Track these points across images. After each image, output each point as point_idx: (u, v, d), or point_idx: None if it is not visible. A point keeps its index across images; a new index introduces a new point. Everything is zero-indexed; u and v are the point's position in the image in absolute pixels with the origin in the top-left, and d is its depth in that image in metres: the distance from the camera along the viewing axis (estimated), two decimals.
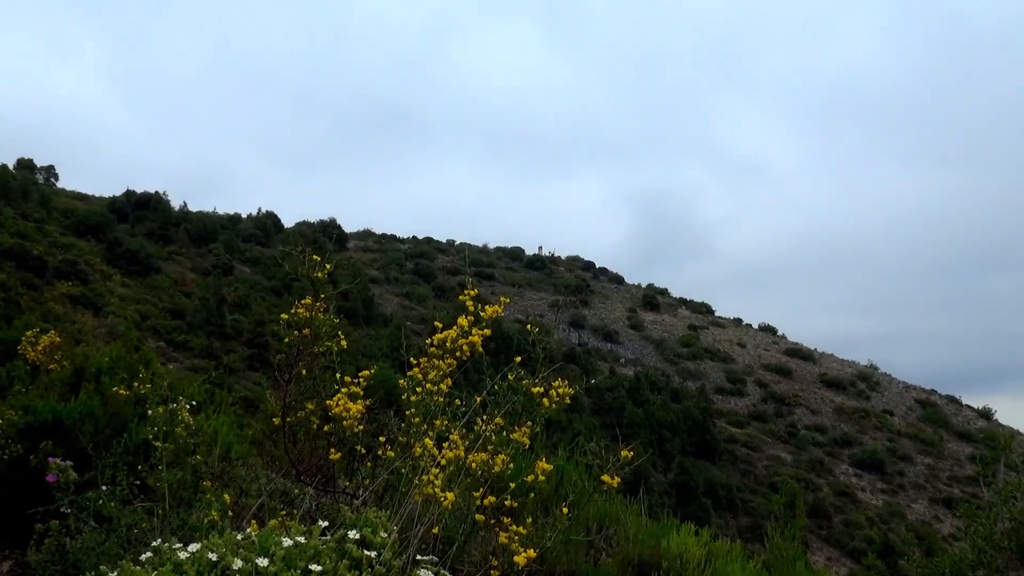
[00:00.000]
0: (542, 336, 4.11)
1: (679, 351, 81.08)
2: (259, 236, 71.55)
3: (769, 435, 66.61)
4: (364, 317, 58.71)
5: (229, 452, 4.77)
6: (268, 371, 38.82)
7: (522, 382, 3.90)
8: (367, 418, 4.03)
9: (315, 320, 4.04)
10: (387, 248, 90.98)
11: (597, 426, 48.84)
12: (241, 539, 2.64)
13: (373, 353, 46.86)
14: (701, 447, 56.97)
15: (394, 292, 75.86)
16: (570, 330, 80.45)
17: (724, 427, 65.11)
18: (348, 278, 55.07)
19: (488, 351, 4.15)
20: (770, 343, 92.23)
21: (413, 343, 44.20)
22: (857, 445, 66.18)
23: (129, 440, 4.37)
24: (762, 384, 77.40)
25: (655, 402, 60.43)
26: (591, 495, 4.43)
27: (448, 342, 3.93)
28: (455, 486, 3.48)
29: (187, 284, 50.08)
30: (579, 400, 52.72)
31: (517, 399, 3.89)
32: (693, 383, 74.35)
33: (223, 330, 43.26)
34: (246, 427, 6.25)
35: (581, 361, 69.00)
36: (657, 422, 55.92)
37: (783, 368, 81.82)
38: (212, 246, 61.38)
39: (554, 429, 41.94)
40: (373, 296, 65.25)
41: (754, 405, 73.20)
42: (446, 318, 4.15)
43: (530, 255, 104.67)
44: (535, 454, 4.90)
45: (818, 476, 58.86)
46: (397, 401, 4.09)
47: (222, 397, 6.95)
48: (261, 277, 59.88)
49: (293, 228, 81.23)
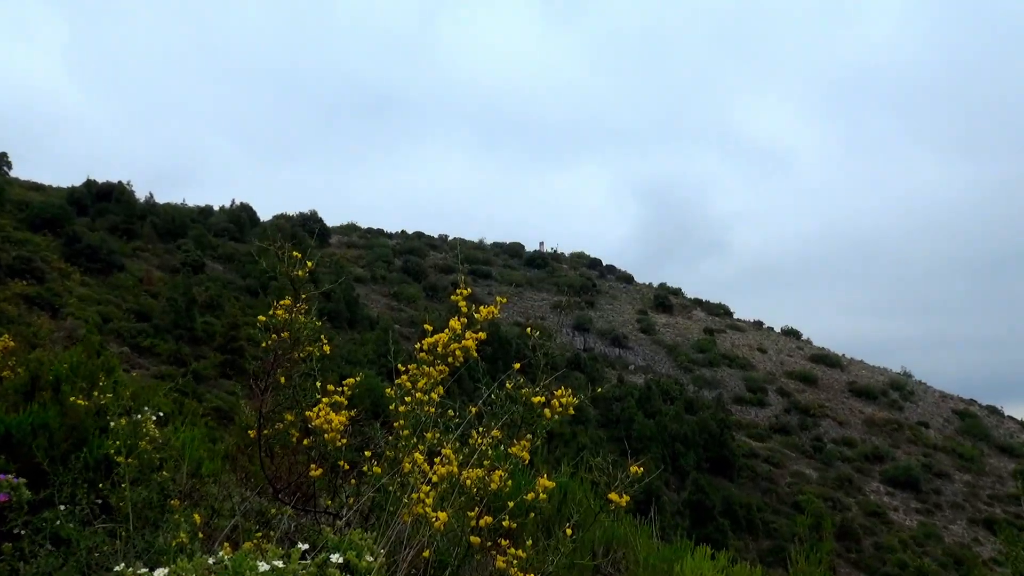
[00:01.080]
0: (543, 340, 4.11)
1: (694, 357, 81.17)
2: (233, 230, 71.55)
3: (792, 449, 66.68)
4: (348, 320, 58.72)
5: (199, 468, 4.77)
6: (243, 379, 38.81)
7: (521, 391, 3.90)
8: (351, 431, 4.03)
9: (296, 323, 4.04)
10: (373, 244, 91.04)
11: (604, 439, 48.87)
12: (212, 563, 2.64)
13: (358, 359, 46.88)
14: (718, 463, 57.02)
15: (381, 292, 75.88)
16: (574, 334, 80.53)
17: (743, 441, 65.16)
18: (330, 277, 55.18)
19: (484, 357, 4.15)
20: (793, 348, 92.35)
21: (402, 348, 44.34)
22: (889, 460, 66.24)
23: (89, 455, 4.37)
24: (785, 393, 77.49)
25: (668, 413, 60.49)
26: (597, 515, 4.43)
27: (439, 347, 3.93)
28: (448, 505, 3.48)
29: (153, 283, 50.05)
30: (584, 411, 52.77)
31: (516, 410, 3.89)
32: (709, 392, 74.40)
33: (193, 334, 43.23)
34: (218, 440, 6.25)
35: (586, 368, 69.06)
36: (670, 435, 55.97)
37: (808, 376, 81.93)
38: (181, 241, 61.35)
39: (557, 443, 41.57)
40: (358, 296, 65.27)
41: (776, 416, 73.29)
42: (437, 320, 4.15)
43: (530, 252, 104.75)
44: (536, 470, 4.90)
45: (846, 495, 58.93)
46: (384, 412, 4.09)
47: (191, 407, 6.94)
48: (235, 275, 59.86)
49: (270, 222, 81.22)
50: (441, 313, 59.72)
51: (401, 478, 3.63)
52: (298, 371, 4.14)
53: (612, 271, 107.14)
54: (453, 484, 3.54)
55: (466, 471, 3.58)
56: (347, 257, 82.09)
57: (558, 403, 3.87)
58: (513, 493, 3.81)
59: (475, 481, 3.56)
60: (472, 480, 3.55)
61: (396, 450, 3.82)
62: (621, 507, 3.71)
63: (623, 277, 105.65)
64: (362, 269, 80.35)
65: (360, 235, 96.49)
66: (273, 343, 4.05)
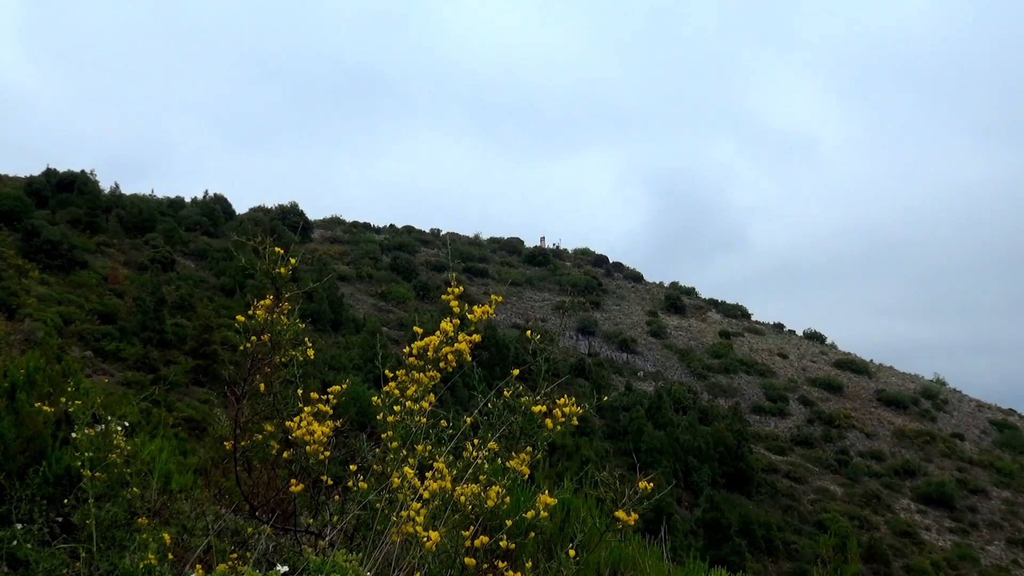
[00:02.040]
0: (544, 344, 4.11)
1: (709, 363, 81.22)
2: (206, 224, 71.54)
3: (816, 463, 66.75)
4: (332, 322, 58.71)
5: (169, 483, 4.77)
6: (217, 386, 38.76)
7: (520, 399, 3.90)
8: (335, 442, 4.03)
9: (277, 325, 4.04)
10: (359, 239, 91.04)
11: (610, 452, 48.90)
12: None
13: (342, 365, 46.89)
14: (735, 478, 57.07)
15: (368, 291, 75.87)
16: (578, 337, 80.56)
17: (762, 454, 65.22)
18: (313, 275, 55.16)
19: (480, 362, 4.16)
20: (817, 353, 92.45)
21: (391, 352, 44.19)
22: (921, 475, 66.32)
23: (49, 469, 4.37)
24: (807, 402, 77.55)
25: (680, 424, 60.53)
26: (603, 535, 4.44)
27: (430, 351, 3.93)
28: (440, 524, 3.49)
29: (119, 281, 50.01)
30: (589, 421, 52.77)
31: (514, 420, 3.89)
32: (725, 401, 74.45)
33: (163, 336, 43.22)
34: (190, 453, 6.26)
35: (591, 374, 69.07)
36: (682, 448, 56.02)
37: (833, 383, 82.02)
38: (149, 236, 61.31)
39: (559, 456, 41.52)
40: (342, 296, 65.26)
41: (798, 427, 73.35)
42: (429, 322, 4.15)
43: (530, 247, 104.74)
44: (536, 486, 4.90)
45: (874, 512, 59.01)
46: (371, 422, 4.09)
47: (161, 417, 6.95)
48: (208, 273, 59.84)
49: (246, 215, 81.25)
50: (433, 314, 59.67)
51: (389, 494, 3.63)
52: (278, 377, 4.14)
53: (619, 269, 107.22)
54: (446, 501, 3.54)
55: (460, 487, 3.59)
56: (331, 253, 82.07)
57: (560, 413, 3.87)
58: (511, 511, 3.82)
59: (470, 497, 3.56)
60: (467, 496, 3.56)
61: (384, 464, 3.82)
62: (629, 526, 3.71)
63: (631, 275, 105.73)
64: (347, 266, 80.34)
65: (345, 229, 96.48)
66: (252, 347, 4.05)
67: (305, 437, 3.85)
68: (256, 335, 4.03)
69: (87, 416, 4.15)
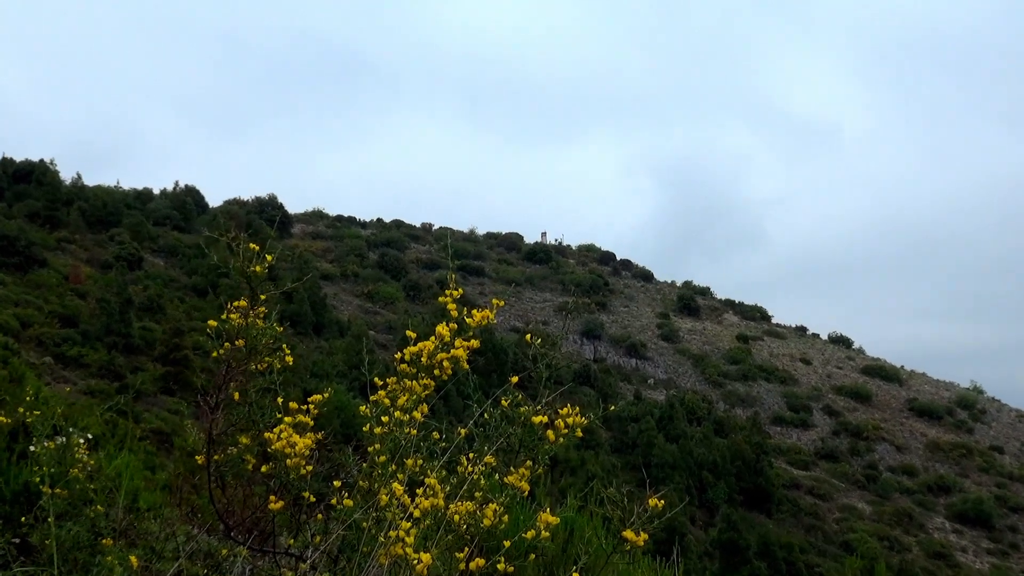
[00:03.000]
0: (546, 349, 4.12)
1: (725, 369, 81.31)
2: (176, 218, 71.56)
3: (842, 479, 66.83)
4: (314, 325, 58.74)
5: (136, 501, 4.77)
6: (188, 395, 38.75)
7: (520, 409, 3.91)
8: (318, 456, 4.04)
9: (252, 328, 4.05)
10: (343, 234, 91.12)
11: (618, 467, 48.92)
12: None
13: (326, 372, 46.91)
14: (753, 494, 57.12)
15: (353, 292, 75.91)
16: (583, 341, 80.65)
17: (783, 468, 65.28)
18: (293, 273, 55.11)
19: (476, 369, 4.17)
20: (843, 359, 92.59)
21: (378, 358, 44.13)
22: (956, 492, 66.40)
23: (5, 486, 4.37)
24: (833, 412, 77.67)
25: (694, 436, 60.59)
26: (610, 557, 4.45)
27: (424, 357, 3.94)
28: (432, 545, 3.49)
29: (81, 281, 49.99)
30: (595, 433, 52.82)
31: (513, 431, 3.90)
32: (743, 411, 74.54)
33: (129, 341, 43.21)
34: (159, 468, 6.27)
35: (597, 382, 69.13)
36: (696, 462, 56.07)
37: (860, 391, 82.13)
38: (115, 231, 61.31)
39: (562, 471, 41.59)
40: (325, 297, 65.29)
41: (822, 440, 73.45)
42: (421, 326, 4.15)
43: (530, 244, 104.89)
44: (537, 503, 4.91)
45: (906, 532, 59.07)
46: (357, 434, 4.10)
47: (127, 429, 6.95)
48: (179, 272, 59.85)
49: (220, 208, 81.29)
50: (424, 317, 59.71)
51: (377, 513, 3.63)
52: (255, 386, 4.15)
53: (627, 267, 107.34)
54: (439, 520, 3.55)
55: (454, 504, 3.59)
56: (312, 250, 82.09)
57: (563, 424, 3.88)
58: (510, 530, 3.82)
59: (465, 516, 3.57)
60: (461, 515, 3.56)
61: (371, 479, 3.83)
62: (638, 547, 3.72)
63: (641, 274, 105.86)
64: (330, 264, 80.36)
65: (328, 224, 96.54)
66: (226, 352, 4.06)
67: (285, 450, 3.86)
68: (230, 340, 4.03)
69: (47, 428, 4.15)
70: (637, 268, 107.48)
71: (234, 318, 4.04)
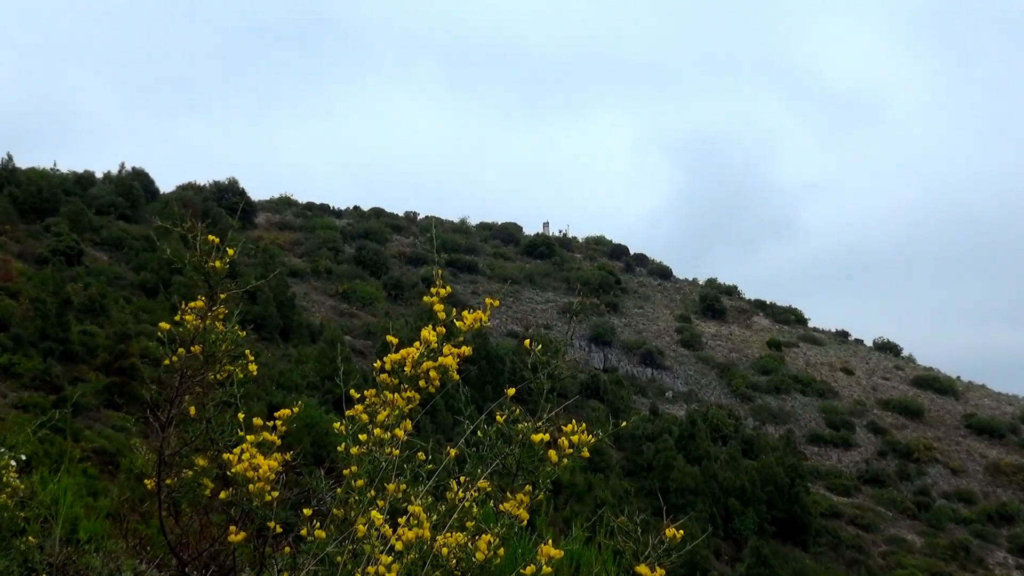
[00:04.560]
0: (549, 357, 4.12)
1: (755, 380, 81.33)
2: (122, 206, 71.41)
3: (889, 506, 66.88)
4: (281, 329, 58.70)
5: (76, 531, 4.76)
6: (136, 409, 38.64)
7: (518, 426, 3.91)
8: (285, 480, 4.04)
9: (210, 333, 4.05)
10: (315, 224, 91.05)
11: (631, 492, 48.90)
12: None
13: (295, 383, 46.87)
14: (787, 524, 57.15)
15: (326, 291, 75.85)
16: (591, 348, 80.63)
17: (822, 494, 65.32)
18: (256, 269, 54.97)
19: (468, 380, 4.17)
20: (890, 368, 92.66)
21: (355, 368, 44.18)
22: (1021, 522, 66.46)
23: None
24: (879, 430, 77.70)
25: (718, 457, 60.61)
26: None
27: (407, 366, 3.94)
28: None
29: (12, 278, 49.89)
30: (604, 454, 52.83)
31: (510, 451, 3.90)
32: (776, 428, 74.56)
33: (67, 347, 43.15)
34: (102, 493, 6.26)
35: (607, 395, 69.11)
36: (721, 487, 56.09)
37: (910, 406, 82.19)
38: (50, 221, 61.18)
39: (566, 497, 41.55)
40: (294, 297, 65.26)
41: (867, 461, 73.48)
42: (404, 330, 4.15)
43: (530, 236, 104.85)
44: (537, 534, 4.91)
45: (962, 567, 59.11)
46: (330, 454, 4.10)
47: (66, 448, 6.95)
48: (125, 268, 59.76)
49: (173, 194, 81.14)
50: (408, 320, 59.66)
51: (354, 545, 3.63)
52: (213, 399, 4.15)
53: (642, 262, 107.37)
54: (424, 554, 3.55)
55: (442, 536, 3.59)
56: (279, 243, 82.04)
57: (568, 443, 3.88)
58: (506, 566, 3.82)
59: (454, 549, 3.57)
60: (450, 548, 3.56)
61: (347, 507, 3.83)
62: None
63: (657, 270, 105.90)
64: (300, 259, 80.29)
65: (297, 212, 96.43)
66: (179, 360, 4.05)
67: (247, 473, 3.86)
68: (184, 346, 4.03)
69: None
70: (653, 264, 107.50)
71: (189, 320, 4.03)
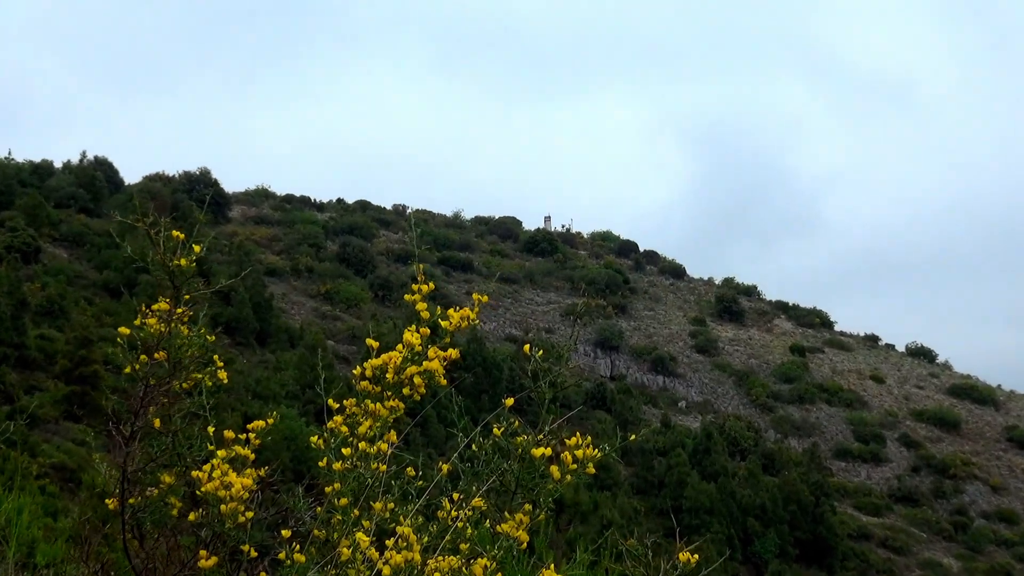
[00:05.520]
0: (550, 363, 4.12)
1: (776, 389, 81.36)
2: (83, 198, 71.37)
3: (923, 527, 66.90)
4: (257, 333, 58.69)
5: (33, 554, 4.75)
6: (98, 422, 38.62)
7: (517, 439, 3.90)
8: (261, 499, 4.03)
9: (176, 338, 4.04)
10: (295, 219, 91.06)
11: (641, 512, 48.94)
12: None
13: (272, 392, 46.84)
14: (811, 547, 57.16)
15: (307, 291, 75.83)
16: (597, 354, 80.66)
17: (849, 514, 65.34)
18: (230, 268, 54.86)
19: (461, 388, 4.16)
20: (924, 376, 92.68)
21: (339, 375, 44.30)
22: None
23: None
24: (912, 443, 77.71)
25: (736, 473, 60.63)
26: None
27: (390, 371, 3.93)
28: None
29: None
30: (611, 470, 52.81)
31: (509, 467, 3.89)
32: (799, 441, 74.55)
33: (23, 353, 43.12)
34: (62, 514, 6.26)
35: (615, 405, 69.09)
36: (740, 506, 56.11)
37: (946, 417, 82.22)
38: (5, 215, 61.16)
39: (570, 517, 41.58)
40: (272, 297, 65.24)
41: (899, 478, 73.49)
42: (391, 333, 4.15)
43: (531, 231, 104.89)
44: (538, 557, 4.91)
45: None
46: (311, 470, 4.09)
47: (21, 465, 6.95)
48: (87, 266, 59.74)
49: (139, 185, 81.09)
50: (397, 322, 59.59)
51: (337, 570, 3.63)
52: (181, 410, 4.14)
53: (653, 260, 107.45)
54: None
55: (433, 560, 3.59)
56: (256, 238, 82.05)
57: (571, 458, 3.87)
58: None
59: (447, 574, 3.56)
60: (443, 572, 3.56)
61: (329, 528, 3.82)
62: None
63: (669, 268, 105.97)
64: (278, 257, 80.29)
65: (275, 205, 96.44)
66: (143, 368, 4.05)
67: (219, 492, 3.85)
68: (147, 352, 4.02)
69: None
70: (665, 261, 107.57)
71: (152, 324, 4.02)
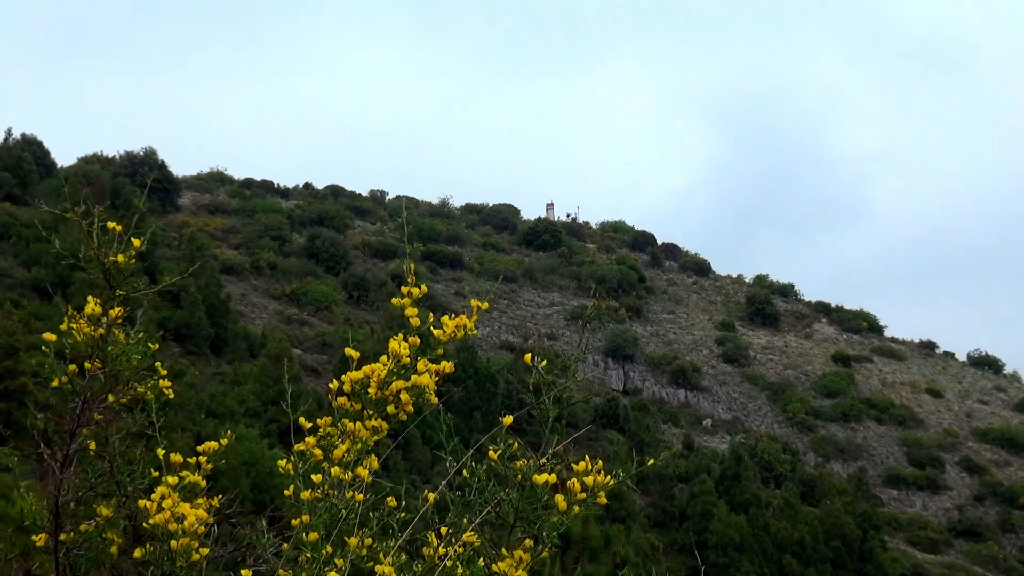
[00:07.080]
0: (555, 375, 4.11)
1: (817, 405, 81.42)
2: (9, 183, 71.43)
3: (988, 565, 66.98)
4: (212, 340, 58.69)
5: None
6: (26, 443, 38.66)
7: (516, 464, 3.90)
8: (217, 534, 4.02)
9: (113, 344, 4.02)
10: (256, 207, 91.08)
11: (659, 548, 48.96)
12: None
13: (229, 409, 46.82)
14: None
15: (270, 291, 75.86)
16: (609, 364, 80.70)
17: (902, 550, 65.42)
18: (180, 264, 54.79)
19: (450, 405, 4.15)
20: (989, 390, 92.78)
21: (307, 389, 44.36)
22: None
23: None
24: (975, 468, 77.80)
25: (771, 503, 60.68)
26: None
27: (372, 387, 3.93)
28: None
29: None
30: (625, 499, 52.84)
31: (506, 497, 3.89)
32: (844, 466, 74.63)
33: None
34: None
35: (629, 424, 69.13)
36: (775, 541, 56.16)
37: (1015, 437, 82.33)
38: None
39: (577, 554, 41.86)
40: (229, 299, 65.26)
41: (960, 508, 73.57)
42: (370, 341, 4.13)
43: (530, 221, 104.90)
44: None
45: None
46: (276, 500, 4.08)
47: None
48: (13, 262, 59.76)
49: (74, 168, 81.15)
50: (375, 328, 59.56)
51: None
52: (120, 430, 4.13)
53: (672, 254, 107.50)
54: None
55: None
56: (209, 230, 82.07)
57: (579, 485, 3.86)
58: None
59: None
60: None
61: (296, 567, 3.82)
62: None
63: (692, 264, 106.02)
64: (236, 251, 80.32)
65: (232, 192, 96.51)
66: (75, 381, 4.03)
67: (170, 525, 3.84)
68: (77, 361, 4.01)
69: None
70: (686, 256, 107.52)
71: (83, 329, 4.01)
